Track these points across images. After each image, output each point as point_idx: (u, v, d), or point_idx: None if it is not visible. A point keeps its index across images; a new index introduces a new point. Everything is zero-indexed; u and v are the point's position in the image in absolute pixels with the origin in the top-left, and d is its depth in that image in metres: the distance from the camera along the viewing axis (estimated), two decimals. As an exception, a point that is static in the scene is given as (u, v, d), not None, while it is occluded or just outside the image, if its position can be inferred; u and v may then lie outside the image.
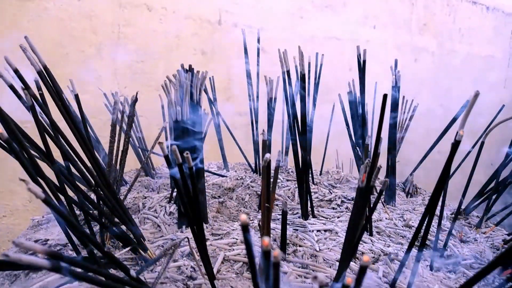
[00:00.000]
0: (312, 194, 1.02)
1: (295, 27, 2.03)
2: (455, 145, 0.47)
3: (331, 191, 1.04)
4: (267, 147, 0.77)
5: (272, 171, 0.60)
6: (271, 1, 1.94)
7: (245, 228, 0.32)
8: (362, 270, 0.30)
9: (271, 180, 0.59)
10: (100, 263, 0.61)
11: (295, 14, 2.05)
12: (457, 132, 0.48)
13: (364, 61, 0.83)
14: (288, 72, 0.77)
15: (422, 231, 0.61)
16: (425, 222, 0.56)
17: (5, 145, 0.51)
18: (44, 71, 0.58)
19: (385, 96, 0.52)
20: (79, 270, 0.39)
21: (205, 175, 1.13)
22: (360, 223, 0.55)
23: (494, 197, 0.92)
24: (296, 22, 2.04)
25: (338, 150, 1.59)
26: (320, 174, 1.24)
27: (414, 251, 0.68)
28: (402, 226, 0.87)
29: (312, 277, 0.27)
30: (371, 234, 0.81)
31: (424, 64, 2.67)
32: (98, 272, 0.40)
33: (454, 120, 1.05)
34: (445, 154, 0.90)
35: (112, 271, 0.63)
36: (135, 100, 0.73)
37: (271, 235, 0.78)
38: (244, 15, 1.87)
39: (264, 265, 0.32)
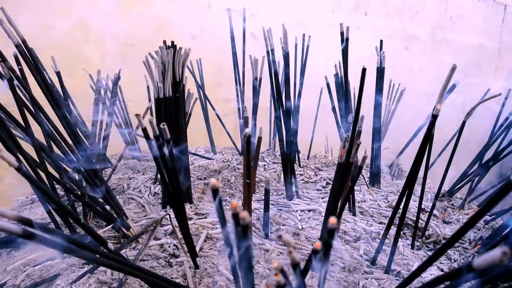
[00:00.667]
0: (298, 176, 1.02)
1: (285, 13, 2.02)
2: (433, 119, 0.48)
3: (316, 173, 1.05)
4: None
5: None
6: (262, -15, 1.92)
7: (215, 192, 0.32)
8: (330, 232, 0.31)
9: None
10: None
11: (286, 1, 2.04)
12: (434, 107, 0.48)
13: (347, 39, 0.83)
14: (272, 50, 0.76)
15: (401, 209, 0.61)
16: (404, 198, 0.57)
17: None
18: (23, 45, 0.57)
19: (363, 70, 0.52)
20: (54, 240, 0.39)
21: (191, 158, 1.13)
22: (339, 198, 0.55)
23: (476, 179, 0.93)
24: (287, 8, 2.03)
25: (328, 135, 1.59)
26: (308, 158, 1.25)
27: (395, 229, 0.69)
28: (386, 207, 0.88)
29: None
30: (354, 214, 0.82)
31: (415, 52, 2.67)
32: (70, 239, 0.40)
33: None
34: (435, 142, 0.91)
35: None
36: (118, 78, 0.72)
37: (255, 214, 0.78)
38: (234, 0, 1.85)
39: (234, 230, 0.32)
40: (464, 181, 0.96)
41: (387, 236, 0.72)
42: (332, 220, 0.29)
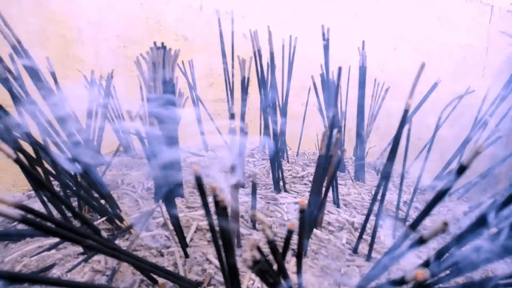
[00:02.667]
0: (286, 171, 1.06)
1: (275, 14, 2.05)
2: (405, 112, 0.51)
3: (304, 169, 1.08)
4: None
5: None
6: (252, -13, 1.96)
7: (198, 178, 0.35)
8: (301, 211, 0.34)
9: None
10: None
11: (276, 2, 2.07)
12: (406, 102, 0.52)
13: (328, 40, 0.87)
14: (259, 51, 0.80)
15: (378, 200, 0.65)
16: (381, 188, 0.60)
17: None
18: (18, 46, 0.60)
19: (339, 68, 0.56)
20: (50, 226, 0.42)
21: (183, 155, 1.17)
22: (320, 188, 0.59)
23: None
24: (278, 9, 2.06)
25: (318, 133, 1.63)
26: (297, 155, 1.28)
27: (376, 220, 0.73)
28: (369, 200, 0.92)
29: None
30: (338, 206, 0.85)
31: (403, 52, 2.71)
32: (66, 226, 0.43)
33: (421, 103, 1.10)
34: (424, 141, 0.95)
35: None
36: (111, 77, 0.76)
37: (244, 207, 0.82)
38: (225, 2, 1.88)
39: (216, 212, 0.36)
40: (444, 174, 1.00)
41: (369, 226, 0.76)
42: (302, 201, 0.33)
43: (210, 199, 0.59)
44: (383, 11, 2.57)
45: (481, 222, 0.41)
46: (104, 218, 0.70)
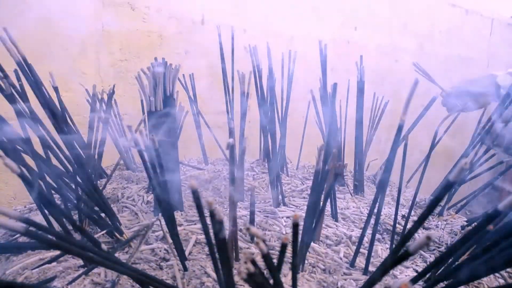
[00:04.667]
0: (285, 185, 1.06)
1: (276, 28, 2.08)
2: (399, 128, 0.52)
3: (303, 182, 1.09)
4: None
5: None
6: (253, 2, 1.99)
7: (195, 193, 0.36)
8: (294, 226, 0.35)
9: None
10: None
11: (277, 15, 2.10)
12: (400, 117, 0.53)
13: (325, 56, 0.89)
14: (258, 66, 0.81)
15: (375, 214, 0.66)
16: (377, 202, 0.61)
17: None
18: (23, 62, 0.62)
19: (334, 84, 0.57)
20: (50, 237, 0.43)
21: (184, 168, 1.18)
22: (317, 203, 0.59)
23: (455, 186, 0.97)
24: (278, 23, 2.09)
25: (319, 146, 1.64)
26: (297, 168, 1.29)
27: (373, 233, 0.73)
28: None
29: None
30: (336, 220, 0.86)
31: (404, 65, 2.74)
32: (67, 240, 0.44)
33: (421, 116, 1.11)
34: (425, 153, 0.96)
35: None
36: (112, 92, 0.77)
37: (242, 221, 0.82)
38: (226, 16, 1.91)
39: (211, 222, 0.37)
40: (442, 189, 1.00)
41: (366, 240, 0.77)
42: (295, 215, 0.33)
43: (207, 213, 0.60)
44: (383, 24, 2.60)
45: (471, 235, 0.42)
46: (104, 231, 0.71)
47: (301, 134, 1.31)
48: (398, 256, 0.32)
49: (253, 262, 0.34)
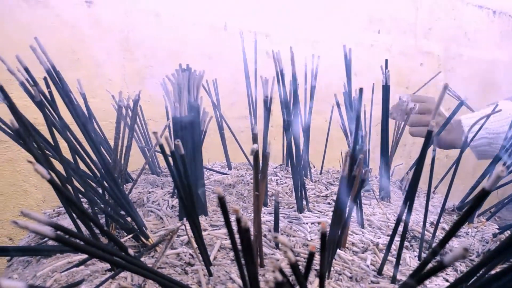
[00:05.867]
0: (310, 190, 1.05)
1: (299, 32, 2.08)
2: (428, 133, 0.51)
3: (328, 188, 1.08)
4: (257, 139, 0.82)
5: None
6: (275, 6, 1.99)
7: (221, 199, 0.36)
8: (323, 236, 0.34)
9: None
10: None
11: (299, 19, 2.10)
12: (429, 123, 0.51)
13: (350, 60, 0.87)
14: (281, 71, 0.81)
15: (403, 220, 0.64)
16: (405, 210, 0.60)
17: (14, 134, 0.56)
18: (52, 70, 0.64)
19: (361, 89, 0.56)
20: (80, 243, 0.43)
21: (207, 173, 1.18)
22: (343, 210, 0.58)
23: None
24: (300, 27, 2.09)
25: (343, 151, 1.63)
26: (320, 173, 1.28)
27: (401, 241, 0.71)
28: (395, 220, 0.90)
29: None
30: (362, 227, 0.84)
31: (430, 68, 2.69)
32: (97, 245, 0.45)
33: (449, 119, 1.08)
34: (453, 158, 0.94)
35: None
36: (138, 98, 0.78)
37: (266, 226, 0.82)
38: (249, 21, 1.92)
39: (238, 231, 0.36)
40: (473, 195, 0.97)
41: (394, 247, 0.75)
42: (323, 224, 0.33)
43: (232, 218, 0.60)
44: (407, 27, 2.56)
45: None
46: (130, 235, 0.72)
47: (324, 138, 1.29)
48: (432, 268, 0.31)
49: (281, 271, 0.33)
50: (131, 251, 0.54)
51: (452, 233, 0.37)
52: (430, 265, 0.37)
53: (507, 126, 0.89)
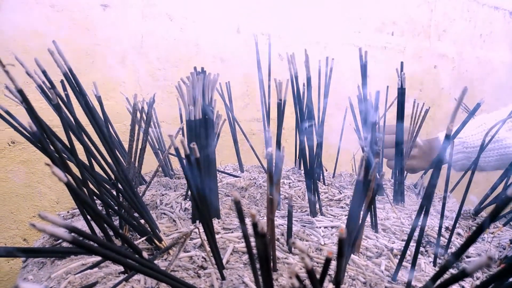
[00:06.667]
0: (322, 194, 1.05)
1: (312, 34, 2.07)
2: (446, 137, 0.50)
3: (341, 191, 1.07)
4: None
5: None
6: (287, 9, 1.99)
7: (237, 204, 0.36)
8: (340, 242, 0.34)
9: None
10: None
11: (312, 22, 2.09)
12: (447, 126, 0.51)
13: (366, 63, 0.87)
14: (295, 73, 0.81)
15: (419, 225, 0.63)
16: (422, 214, 0.59)
17: (32, 137, 0.57)
18: (69, 73, 0.64)
19: (377, 92, 0.56)
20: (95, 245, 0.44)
21: (220, 176, 1.18)
22: (357, 215, 0.58)
23: (503, 197, 0.92)
24: (313, 30, 2.08)
25: (355, 154, 1.61)
26: (333, 177, 1.27)
27: (416, 246, 0.70)
28: (409, 225, 0.89)
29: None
30: (376, 231, 0.84)
31: (444, 70, 2.66)
32: (112, 248, 0.45)
33: (464, 123, 1.06)
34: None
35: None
36: (152, 101, 0.79)
37: (279, 230, 0.81)
38: (261, 24, 1.92)
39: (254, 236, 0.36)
40: (490, 199, 0.96)
41: (409, 253, 0.74)
42: (341, 229, 0.32)
43: (247, 222, 0.59)
44: (421, 28, 2.54)
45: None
46: (144, 238, 0.72)
47: (337, 141, 1.29)
48: (452, 276, 0.30)
49: (298, 277, 0.33)
50: (145, 254, 0.54)
51: (473, 239, 0.36)
52: (449, 272, 0.36)
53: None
